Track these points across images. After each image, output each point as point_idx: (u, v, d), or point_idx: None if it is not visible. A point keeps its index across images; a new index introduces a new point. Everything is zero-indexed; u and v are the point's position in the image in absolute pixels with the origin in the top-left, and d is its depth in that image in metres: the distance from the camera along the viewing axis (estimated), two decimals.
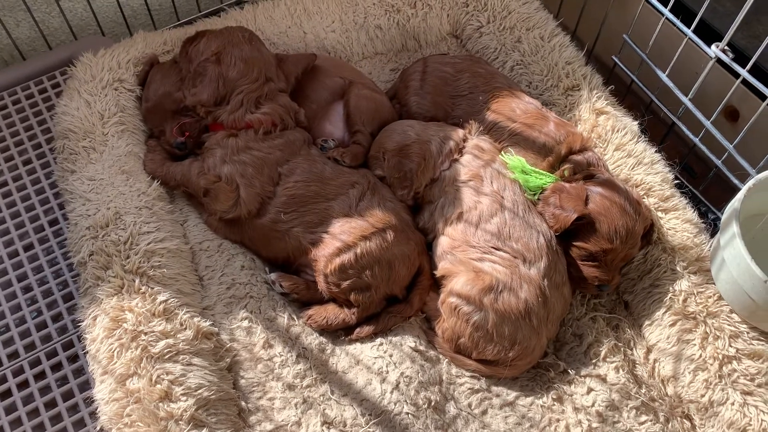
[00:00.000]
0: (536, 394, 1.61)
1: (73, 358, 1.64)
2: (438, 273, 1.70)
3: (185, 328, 1.51)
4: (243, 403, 1.50)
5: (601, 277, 1.64)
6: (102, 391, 1.42)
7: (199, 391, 1.43)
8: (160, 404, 1.39)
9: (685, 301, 1.62)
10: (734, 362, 1.53)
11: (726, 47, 1.75)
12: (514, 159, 1.75)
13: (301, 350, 1.59)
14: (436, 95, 1.94)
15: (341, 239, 1.61)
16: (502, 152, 1.79)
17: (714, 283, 1.62)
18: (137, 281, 1.54)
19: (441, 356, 1.65)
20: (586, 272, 1.65)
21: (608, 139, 1.86)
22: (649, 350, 1.66)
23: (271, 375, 1.54)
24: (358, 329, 1.62)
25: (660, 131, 2.10)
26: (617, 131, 1.87)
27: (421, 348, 1.62)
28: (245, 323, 1.60)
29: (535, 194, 1.71)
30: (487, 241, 1.65)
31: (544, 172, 1.73)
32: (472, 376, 1.62)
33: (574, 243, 1.66)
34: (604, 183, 1.67)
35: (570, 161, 1.75)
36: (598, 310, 1.73)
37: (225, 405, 1.47)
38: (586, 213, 1.62)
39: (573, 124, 1.90)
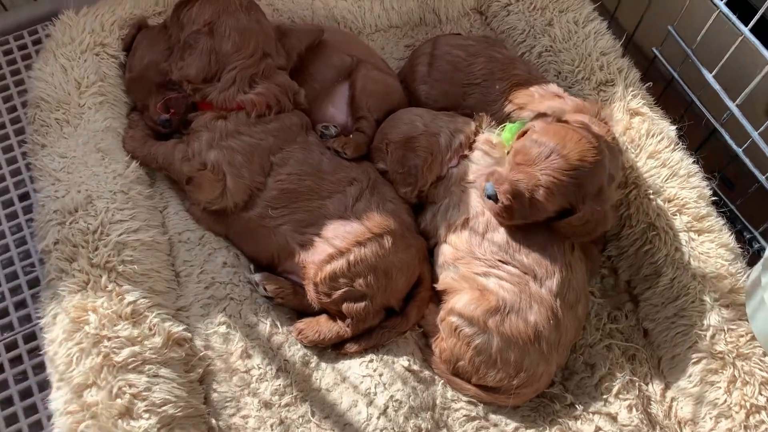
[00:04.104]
0: (538, 427, 1.46)
1: (34, 350, 1.51)
2: (438, 287, 1.54)
3: (154, 334, 1.37)
4: (213, 421, 1.36)
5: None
6: (57, 400, 1.28)
7: (164, 408, 1.29)
8: (119, 421, 1.25)
9: (713, 337, 1.45)
10: (763, 413, 1.37)
11: None
12: (506, 131, 1.58)
13: (283, 363, 1.45)
14: (446, 84, 1.75)
15: (334, 245, 1.45)
16: (496, 131, 1.61)
17: (747, 321, 1.45)
18: (104, 277, 1.39)
19: (436, 377, 1.50)
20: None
21: (641, 145, 1.66)
22: (666, 387, 1.51)
23: (247, 390, 1.40)
24: (347, 344, 1.47)
25: (698, 134, 1.89)
26: (652, 136, 1.67)
27: (415, 368, 1.47)
28: (223, 329, 1.45)
29: None
30: (493, 253, 1.49)
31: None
32: (468, 401, 1.48)
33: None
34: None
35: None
36: (614, 336, 1.57)
37: (193, 423, 1.33)
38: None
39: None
